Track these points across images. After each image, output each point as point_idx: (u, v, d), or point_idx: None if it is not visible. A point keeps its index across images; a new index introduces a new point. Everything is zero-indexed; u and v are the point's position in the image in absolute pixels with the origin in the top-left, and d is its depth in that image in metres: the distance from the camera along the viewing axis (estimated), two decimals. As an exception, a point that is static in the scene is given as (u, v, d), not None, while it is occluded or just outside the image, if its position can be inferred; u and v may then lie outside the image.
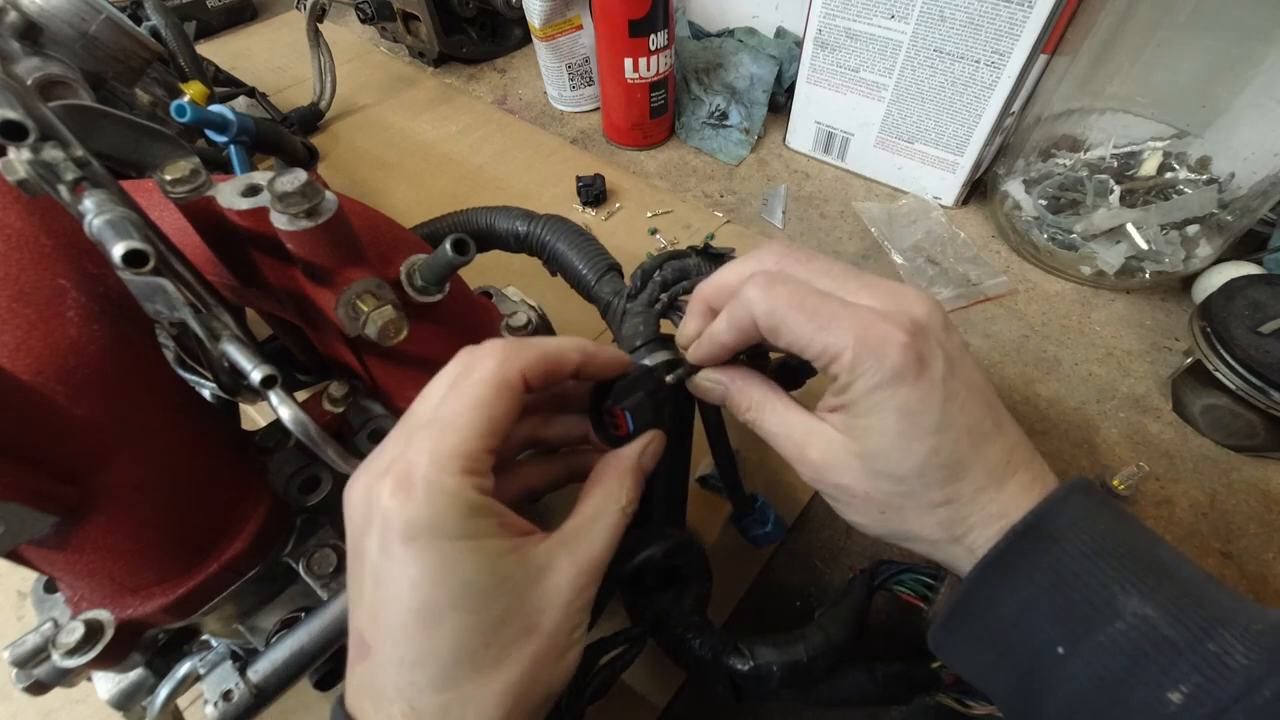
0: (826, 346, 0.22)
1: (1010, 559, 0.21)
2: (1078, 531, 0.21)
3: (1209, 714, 0.18)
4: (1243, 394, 0.46)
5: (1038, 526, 0.21)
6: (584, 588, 0.22)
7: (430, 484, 0.19)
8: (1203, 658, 0.18)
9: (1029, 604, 0.21)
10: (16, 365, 0.21)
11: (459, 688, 0.19)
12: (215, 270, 0.29)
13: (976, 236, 0.70)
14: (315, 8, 0.79)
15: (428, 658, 0.19)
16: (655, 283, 0.37)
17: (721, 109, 0.83)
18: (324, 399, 0.32)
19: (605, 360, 0.25)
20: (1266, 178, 0.55)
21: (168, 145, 0.38)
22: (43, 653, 0.26)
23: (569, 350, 0.24)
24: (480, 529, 0.20)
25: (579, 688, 0.29)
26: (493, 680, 0.19)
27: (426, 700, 0.19)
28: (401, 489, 0.19)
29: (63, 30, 0.49)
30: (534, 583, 0.21)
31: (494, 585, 0.20)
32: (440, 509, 0.19)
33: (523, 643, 0.20)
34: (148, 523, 0.25)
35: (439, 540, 0.19)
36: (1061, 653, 0.20)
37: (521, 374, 0.22)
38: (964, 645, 0.24)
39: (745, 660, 0.29)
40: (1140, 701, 0.19)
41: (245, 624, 0.30)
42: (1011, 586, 0.21)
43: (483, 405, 0.21)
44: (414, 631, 0.19)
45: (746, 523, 0.44)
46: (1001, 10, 0.58)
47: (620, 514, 0.24)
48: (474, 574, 0.19)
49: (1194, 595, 0.20)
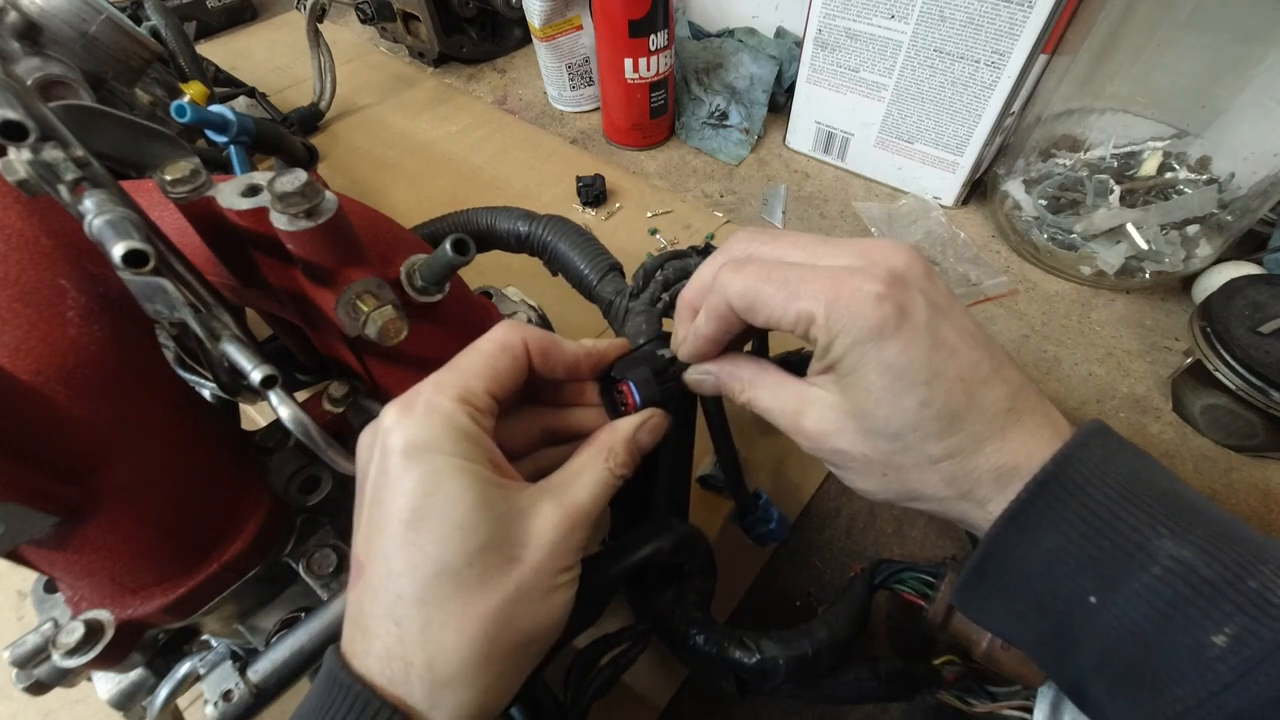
0: (800, 312, 0.21)
1: (1033, 510, 0.20)
2: (1102, 476, 0.20)
3: (1256, 655, 0.17)
4: (1243, 394, 0.46)
5: (1059, 475, 0.20)
6: (568, 531, 0.22)
7: (429, 405, 0.21)
8: (1246, 597, 0.17)
9: (1057, 555, 0.20)
10: (16, 365, 0.21)
11: (441, 605, 0.20)
12: (215, 270, 0.29)
13: (976, 236, 0.70)
14: (315, 8, 0.79)
15: (412, 568, 0.20)
16: (657, 282, 0.37)
17: (721, 109, 0.83)
18: (324, 399, 0.32)
19: (605, 347, 0.27)
20: (1266, 178, 0.55)
21: (168, 145, 0.38)
22: (43, 653, 0.26)
23: (571, 345, 0.26)
24: (471, 453, 0.21)
25: (582, 684, 0.29)
26: (475, 601, 0.20)
27: (409, 613, 0.20)
28: (403, 410, 0.21)
29: (63, 30, 0.49)
30: (517, 520, 0.21)
31: (479, 506, 0.20)
32: (436, 427, 0.20)
33: (505, 569, 0.20)
34: (148, 523, 0.25)
35: (431, 454, 0.20)
36: (1094, 602, 0.19)
37: (524, 341, 0.24)
38: (990, 602, 0.23)
39: (751, 654, 0.29)
40: (1181, 646, 0.18)
41: (245, 624, 0.30)
42: (1036, 539, 0.20)
43: (485, 356, 0.23)
44: (401, 541, 0.20)
45: (750, 521, 0.44)
46: (1001, 10, 0.58)
47: (608, 472, 0.24)
48: (461, 490, 0.20)
49: (1227, 534, 0.19)
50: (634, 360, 0.27)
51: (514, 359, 0.23)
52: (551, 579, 0.21)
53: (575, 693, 0.29)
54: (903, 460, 0.22)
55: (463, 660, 0.20)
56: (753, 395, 0.25)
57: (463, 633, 0.20)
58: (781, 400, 0.24)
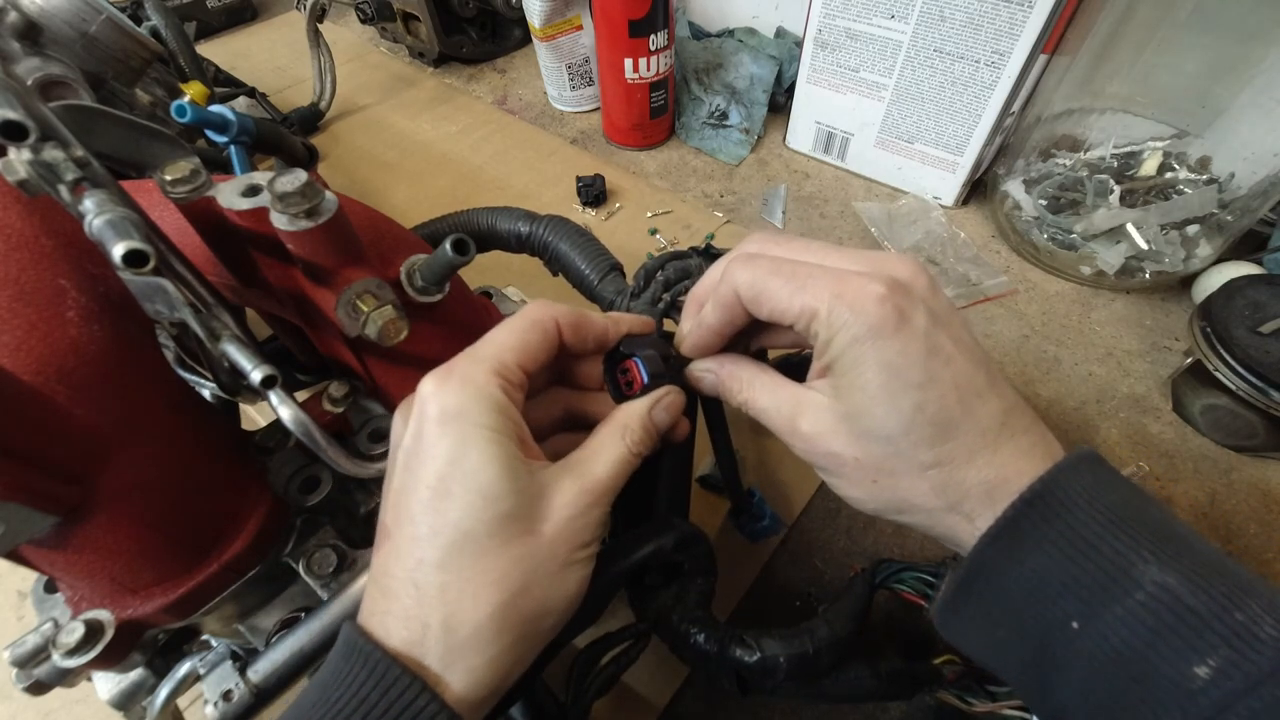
0: (805, 305, 0.22)
1: (1019, 529, 0.20)
2: (1090, 500, 0.20)
3: (1239, 689, 0.17)
4: (1243, 394, 0.46)
5: (1047, 494, 0.20)
6: (587, 506, 0.22)
7: (464, 377, 0.22)
8: (1230, 629, 0.17)
9: (1040, 576, 0.20)
10: (16, 365, 0.21)
11: (459, 570, 0.20)
12: (215, 270, 0.29)
13: (976, 236, 0.70)
14: (315, 8, 0.79)
15: (435, 533, 0.20)
16: (658, 282, 0.37)
17: (721, 109, 0.83)
18: (324, 399, 0.32)
19: (630, 319, 0.28)
20: (1266, 178, 0.55)
21: (168, 145, 0.38)
22: (43, 653, 0.26)
23: (598, 315, 0.26)
24: (500, 424, 0.21)
25: (583, 684, 0.29)
26: (493, 568, 0.20)
27: (430, 578, 0.20)
28: (440, 380, 0.22)
29: (63, 30, 0.49)
30: (539, 494, 0.22)
31: (503, 477, 0.21)
32: (469, 397, 0.21)
33: (525, 540, 0.21)
34: (148, 523, 0.25)
35: (463, 422, 0.21)
36: (1076, 627, 0.19)
37: (555, 319, 0.24)
38: (971, 624, 0.23)
39: (752, 652, 0.29)
40: (1163, 676, 0.18)
41: (245, 624, 0.30)
42: (1020, 558, 0.20)
43: (517, 332, 0.24)
44: (427, 505, 0.21)
45: (743, 518, 0.44)
46: (1001, 10, 0.58)
47: (625, 450, 0.24)
48: (487, 460, 0.21)
49: (1215, 565, 0.19)
50: (640, 341, 0.28)
51: (545, 334, 0.24)
52: (569, 553, 0.22)
53: (576, 692, 0.29)
54: (894, 465, 0.22)
55: (477, 625, 0.20)
56: (750, 396, 0.26)
57: (479, 598, 0.20)
58: (779, 401, 0.25)
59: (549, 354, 0.24)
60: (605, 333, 0.26)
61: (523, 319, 0.24)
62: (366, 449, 0.31)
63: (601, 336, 0.26)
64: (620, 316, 0.27)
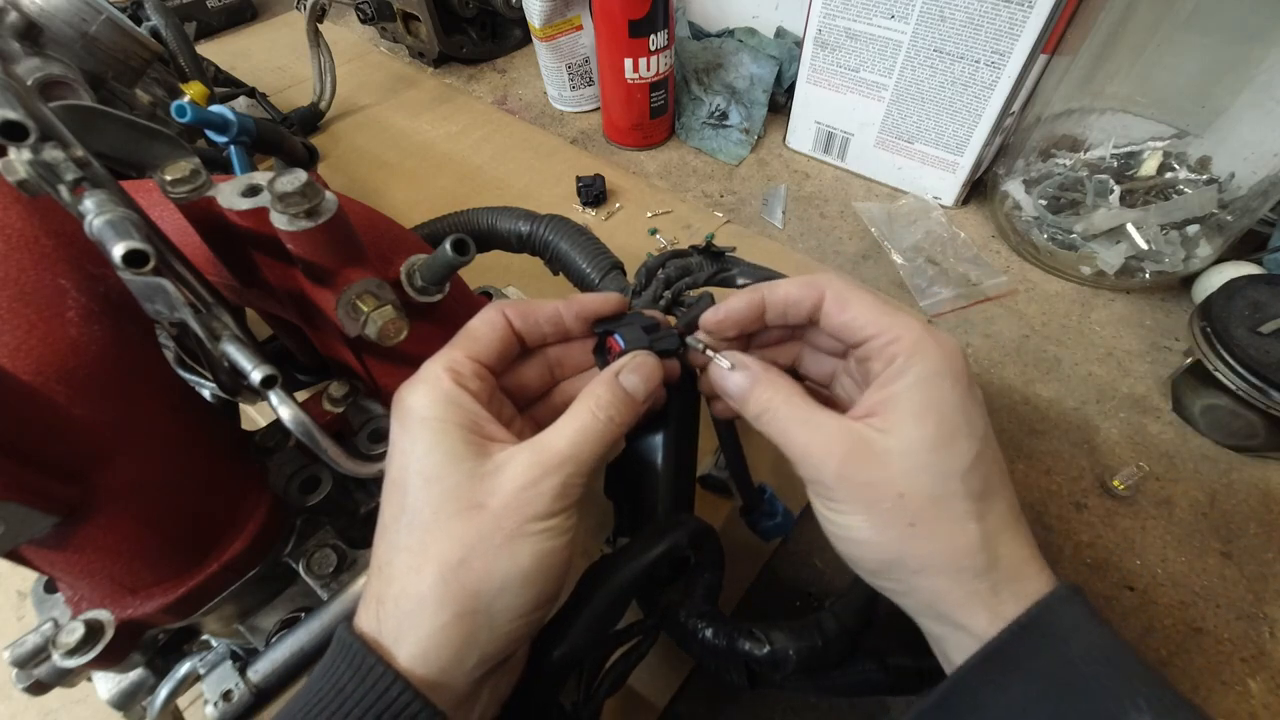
0: (892, 326, 0.23)
1: (1011, 653, 0.20)
2: (1082, 634, 0.20)
3: None
4: (1243, 394, 0.46)
5: (1042, 621, 0.20)
6: (537, 478, 0.22)
7: (419, 377, 0.24)
8: None
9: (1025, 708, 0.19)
10: (16, 365, 0.20)
11: (409, 549, 0.22)
12: (215, 270, 0.29)
13: (976, 236, 0.70)
14: (315, 8, 0.79)
15: (394, 519, 0.23)
16: (659, 280, 0.37)
17: (721, 109, 0.83)
18: (324, 399, 0.32)
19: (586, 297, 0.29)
20: (1266, 178, 0.55)
21: (168, 145, 0.38)
22: (43, 653, 0.26)
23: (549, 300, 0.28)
24: (448, 413, 0.23)
25: (594, 683, 0.29)
26: (433, 545, 0.22)
27: (389, 558, 0.22)
28: (408, 384, 0.24)
29: (63, 30, 0.49)
30: (491, 474, 0.23)
31: (445, 461, 0.22)
32: (420, 395, 0.24)
33: (468, 516, 0.22)
34: (148, 523, 0.25)
35: (412, 417, 0.23)
36: None
37: (501, 311, 0.27)
38: None
39: (761, 645, 0.29)
40: None
41: (245, 624, 0.30)
42: (1006, 685, 0.20)
43: (468, 330, 0.26)
44: (388, 496, 0.23)
45: (755, 515, 0.43)
46: (1001, 10, 0.58)
47: (589, 414, 0.24)
48: (430, 447, 0.22)
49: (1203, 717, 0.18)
50: (625, 318, 0.29)
51: (494, 327, 0.26)
52: (517, 525, 0.22)
53: (587, 691, 0.29)
54: (941, 508, 0.21)
55: (420, 596, 0.21)
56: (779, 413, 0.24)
57: (420, 571, 0.21)
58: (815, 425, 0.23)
59: (504, 344, 0.26)
60: (556, 313, 0.28)
61: (474, 318, 0.27)
62: (366, 449, 0.31)
63: (553, 317, 0.28)
64: (578, 297, 0.29)
